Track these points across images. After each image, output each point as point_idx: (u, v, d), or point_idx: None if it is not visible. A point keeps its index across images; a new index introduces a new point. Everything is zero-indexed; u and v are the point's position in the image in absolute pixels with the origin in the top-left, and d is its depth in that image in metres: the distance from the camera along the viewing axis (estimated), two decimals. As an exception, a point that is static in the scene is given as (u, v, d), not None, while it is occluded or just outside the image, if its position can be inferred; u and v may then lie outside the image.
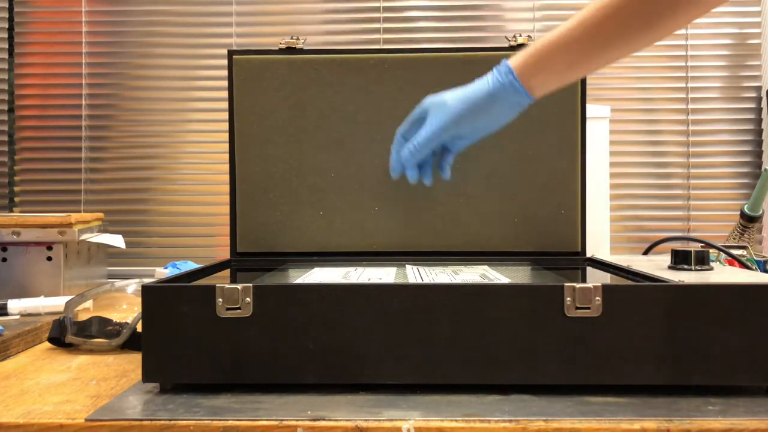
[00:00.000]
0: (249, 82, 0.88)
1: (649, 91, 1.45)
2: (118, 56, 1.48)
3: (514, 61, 0.64)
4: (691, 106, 1.44)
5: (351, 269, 0.78)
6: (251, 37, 1.48)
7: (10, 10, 1.49)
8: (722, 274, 0.66)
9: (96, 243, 1.12)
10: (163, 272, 1.14)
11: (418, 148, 0.66)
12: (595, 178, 1.04)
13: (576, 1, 1.45)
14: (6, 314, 0.86)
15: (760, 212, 1.14)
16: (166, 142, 1.48)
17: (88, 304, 0.96)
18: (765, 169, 1.12)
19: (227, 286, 0.55)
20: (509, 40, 0.86)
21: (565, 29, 0.61)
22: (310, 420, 0.50)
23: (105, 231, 1.16)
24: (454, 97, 0.65)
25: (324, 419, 0.50)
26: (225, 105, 1.43)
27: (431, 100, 0.67)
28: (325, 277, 0.69)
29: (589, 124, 0.88)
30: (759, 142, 1.43)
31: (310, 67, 0.88)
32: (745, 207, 1.15)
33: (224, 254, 1.43)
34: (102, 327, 0.73)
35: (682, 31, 1.44)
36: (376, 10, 1.46)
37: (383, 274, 0.72)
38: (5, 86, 1.49)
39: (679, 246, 0.80)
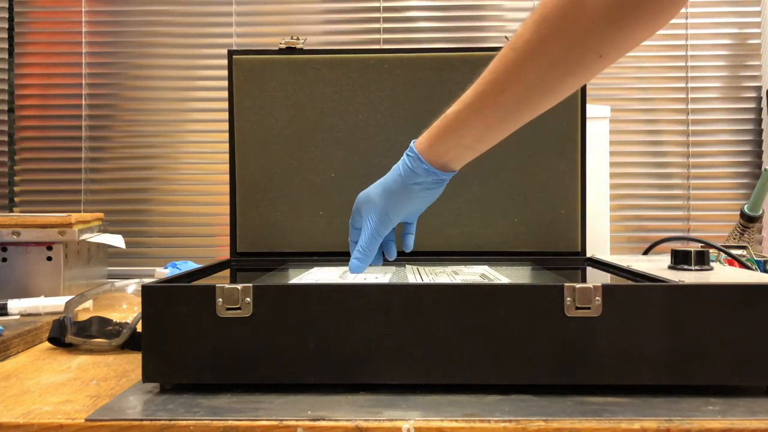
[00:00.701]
0: (249, 82, 0.88)
1: (649, 91, 1.45)
2: (118, 56, 1.49)
3: (420, 143, 0.63)
4: (691, 106, 1.44)
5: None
6: (251, 37, 1.48)
7: (10, 10, 1.49)
8: (722, 274, 0.66)
9: (96, 243, 1.12)
10: (163, 272, 1.14)
11: (366, 252, 0.67)
12: (595, 178, 1.04)
13: (576, 1, 1.44)
14: (6, 314, 0.86)
15: (760, 212, 1.14)
16: (165, 142, 1.48)
17: (88, 304, 0.96)
18: (765, 169, 1.12)
19: (227, 286, 0.55)
20: (508, 40, 0.86)
21: (463, 101, 0.58)
22: (310, 420, 0.49)
23: (105, 231, 1.16)
24: (376, 193, 0.66)
25: (324, 419, 0.50)
26: (225, 105, 1.43)
27: (361, 198, 0.68)
28: (325, 277, 0.69)
29: (589, 124, 0.88)
30: (759, 142, 1.43)
31: (310, 67, 0.88)
32: (745, 207, 1.15)
33: (224, 254, 1.43)
34: (102, 327, 0.73)
35: (682, 31, 1.44)
36: (376, 10, 1.46)
37: (383, 274, 0.72)
38: (5, 86, 1.49)
39: (679, 246, 0.80)
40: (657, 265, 0.73)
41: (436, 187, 0.65)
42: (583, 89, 0.87)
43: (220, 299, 0.55)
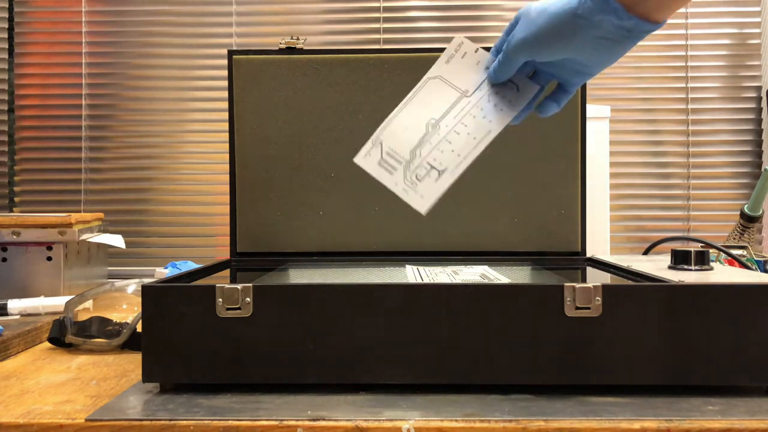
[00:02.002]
0: (249, 82, 0.88)
1: (649, 91, 1.45)
2: (118, 56, 1.48)
3: None
4: (691, 106, 1.44)
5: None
6: (251, 37, 1.48)
7: (10, 10, 1.49)
8: (722, 274, 0.66)
9: (96, 243, 1.12)
10: (163, 272, 1.14)
11: (501, 66, 0.57)
12: (595, 178, 1.03)
13: (576, 1, 1.44)
14: (6, 314, 0.86)
15: (760, 212, 1.14)
16: (166, 142, 1.48)
17: (88, 304, 0.96)
18: (765, 169, 1.12)
19: (227, 286, 0.55)
20: (509, 40, 0.86)
21: None
22: (310, 420, 0.50)
23: (105, 231, 1.16)
24: (539, 10, 0.52)
25: (324, 419, 0.50)
26: (225, 105, 1.44)
27: (523, 9, 0.54)
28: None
29: (589, 124, 0.88)
30: (759, 142, 1.43)
31: (310, 67, 0.88)
32: (745, 207, 1.15)
33: (224, 254, 1.43)
34: (102, 327, 0.73)
35: (682, 31, 1.44)
36: (376, 10, 1.46)
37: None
38: (5, 86, 1.49)
39: (679, 246, 0.80)
40: (657, 265, 0.72)
41: (618, 39, 0.50)
42: (583, 89, 0.87)
43: (220, 299, 0.55)
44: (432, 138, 0.61)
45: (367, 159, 0.63)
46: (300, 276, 0.72)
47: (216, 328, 0.55)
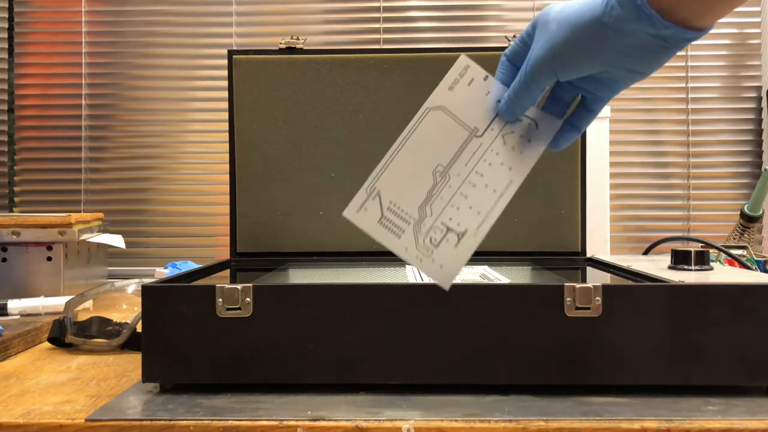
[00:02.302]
0: (249, 82, 0.88)
1: (649, 91, 1.45)
2: (117, 56, 1.49)
3: None
4: (691, 106, 1.44)
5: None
6: (251, 37, 1.48)
7: (10, 9, 1.49)
8: (722, 274, 0.66)
9: (96, 243, 1.12)
10: (163, 272, 1.14)
11: (514, 98, 0.49)
12: (595, 178, 1.04)
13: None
14: (6, 314, 0.86)
15: (760, 212, 1.14)
16: (166, 142, 1.48)
17: (88, 304, 0.96)
18: (765, 169, 1.12)
19: (227, 286, 0.55)
20: (509, 40, 0.86)
21: None
22: (310, 420, 0.49)
23: (105, 231, 1.16)
24: (559, 16, 0.44)
25: (324, 419, 0.50)
26: (225, 105, 1.43)
27: (540, 15, 0.47)
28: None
29: (589, 124, 0.88)
30: (759, 142, 1.43)
31: (310, 67, 0.88)
32: (745, 207, 1.15)
33: (224, 254, 1.43)
34: (102, 327, 0.73)
35: (682, 31, 1.44)
36: (376, 10, 1.46)
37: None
38: (5, 86, 1.49)
39: (679, 246, 0.80)
40: (657, 265, 0.72)
41: (654, 50, 0.43)
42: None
43: (220, 299, 0.55)
44: (443, 191, 0.50)
45: (362, 215, 0.51)
46: (300, 276, 0.72)
47: (216, 328, 0.55)
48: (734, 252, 0.97)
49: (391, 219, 0.50)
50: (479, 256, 0.87)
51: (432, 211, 0.50)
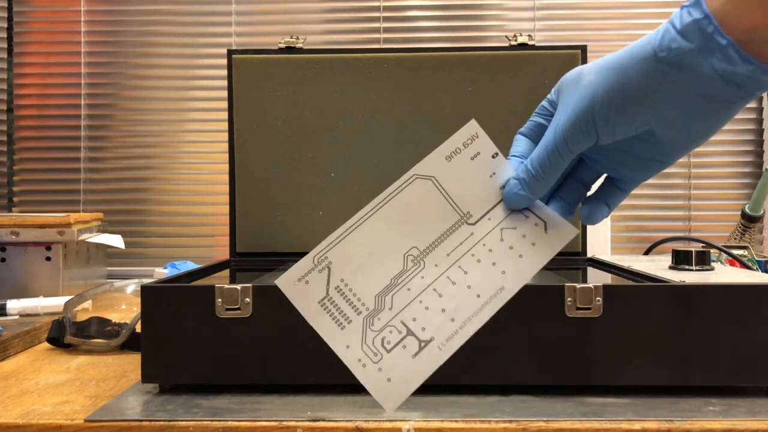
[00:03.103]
0: (249, 82, 0.88)
1: (649, 91, 1.44)
2: (117, 56, 1.48)
3: None
4: (691, 106, 1.44)
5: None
6: (251, 36, 1.48)
7: (10, 9, 1.49)
8: (723, 274, 0.66)
9: (95, 243, 1.12)
10: (162, 272, 1.14)
11: (538, 172, 0.40)
12: (596, 178, 1.03)
13: (577, 0, 1.44)
14: (5, 314, 0.86)
15: (761, 212, 1.14)
16: (165, 142, 1.48)
17: (87, 304, 0.96)
18: (766, 169, 1.12)
19: (227, 286, 0.55)
20: (509, 40, 0.86)
21: None
22: (310, 420, 0.49)
23: (104, 231, 1.16)
24: (597, 67, 0.37)
25: (324, 420, 0.49)
26: (224, 105, 1.43)
27: (568, 75, 0.40)
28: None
29: (589, 123, 0.88)
30: (760, 142, 1.43)
31: (310, 67, 0.88)
32: (746, 207, 1.15)
33: (224, 254, 1.43)
34: (101, 327, 0.73)
35: (683, 31, 1.44)
36: (376, 9, 1.46)
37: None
38: (4, 86, 1.49)
39: (679, 246, 0.80)
40: (658, 266, 0.72)
41: (721, 98, 0.34)
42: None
43: (220, 299, 0.55)
44: (412, 281, 0.40)
45: (300, 289, 0.40)
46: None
47: (215, 328, 0.55)
48: (735, 252, 0.96)
49: (337, 303, 0.40)
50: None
51: (393, 303, 0.40)
